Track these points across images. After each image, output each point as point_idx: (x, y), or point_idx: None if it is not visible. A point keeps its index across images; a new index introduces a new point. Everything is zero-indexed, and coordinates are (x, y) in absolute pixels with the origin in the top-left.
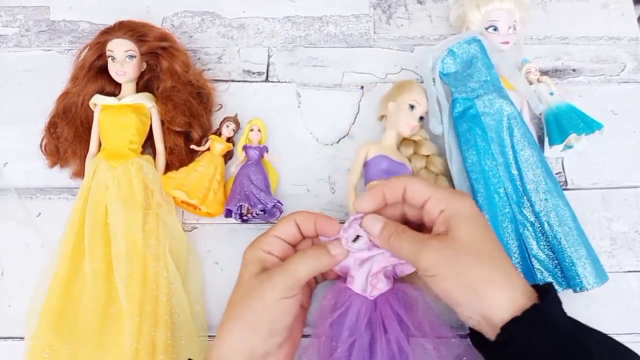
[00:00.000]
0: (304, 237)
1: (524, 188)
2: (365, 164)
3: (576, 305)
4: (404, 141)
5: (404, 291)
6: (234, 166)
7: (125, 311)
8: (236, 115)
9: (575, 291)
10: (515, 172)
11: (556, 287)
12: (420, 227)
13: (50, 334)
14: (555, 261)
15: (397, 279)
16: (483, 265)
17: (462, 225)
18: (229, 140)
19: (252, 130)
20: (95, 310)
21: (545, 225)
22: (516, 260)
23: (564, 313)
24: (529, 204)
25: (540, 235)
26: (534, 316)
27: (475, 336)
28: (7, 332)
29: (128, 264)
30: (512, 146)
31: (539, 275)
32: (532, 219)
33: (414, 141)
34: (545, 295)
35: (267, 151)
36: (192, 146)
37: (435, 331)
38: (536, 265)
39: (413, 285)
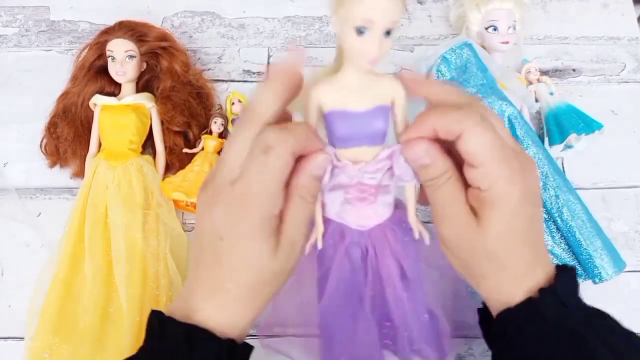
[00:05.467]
0: None
1: None
2: (324, 120)
3: None
4: None
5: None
6: None
7: (125, 311)
8: (220, 108)
9: (595, 282)
10: None
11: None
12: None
13: (50, 334)
14: (572, 255)
15: (398, 207)
16: (501, 264)
17: (499, 219)
18: (220, 136)
19: (233, 104)
20: (95, 310)
21: (559, 221)
22: None
23: (567, 305)
24: None
25: (554, 230)
26: (526, 310)
27: (483, 311)
28: (7, 332)
29: (128, 264)
30: None
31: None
32: (545, 216)
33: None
34: (550, 289)
35: None
36: (185, 150)
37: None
38: (553, 260)
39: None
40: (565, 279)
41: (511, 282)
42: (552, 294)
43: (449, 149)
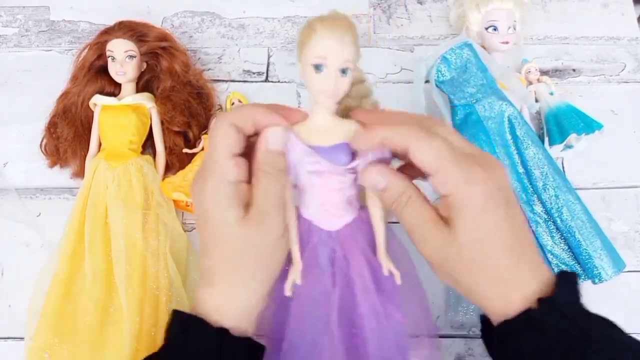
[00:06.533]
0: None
1: (532, 186)
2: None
3: None
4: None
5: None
6: None
7: (125, 311)
8: (220, 108)
9: (594, 283)
10: (522, 170)
11: None
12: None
13: (50, 334)
14: (572, 255)
15: (363, 206)
16: (482, 271)
17: (468, 223)
18: None
19: (232, 104)
20: (95, 310)
21: (558, 221)
22: None
23: (567, 316)
24: (539, 202)
25: (554, 230)
26: (523, 322)
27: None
28: (7, 332)
29: (128, 264)
30: (517, 146)
31: (556, 271)
32: (545, 216)
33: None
34: (548, 300)
35: None
36: (185, 150)
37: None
38: (553, 260)
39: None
40: (564, 287)
41: (499, 290)
42: (550, 305)
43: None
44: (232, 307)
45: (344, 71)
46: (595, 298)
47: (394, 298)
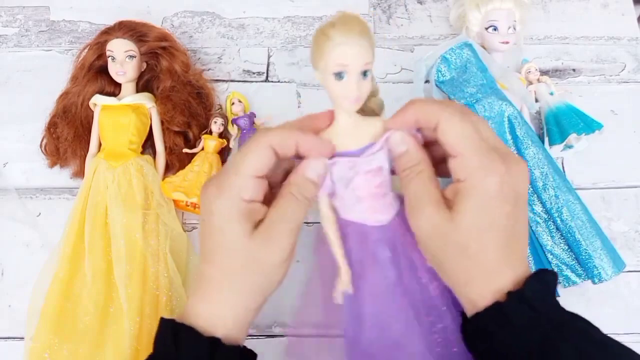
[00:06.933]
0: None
1: (532, 186)
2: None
3: (576, 305)
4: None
5: None
6: (232, 141)
7: (125, 311)
8: (220, 108)
9: (594, 283)
10: None
11: (575, 279)
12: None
13: (50, 334)
14: (572, 255)
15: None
16: (471, 259)
17: (474, 210)
18: (220, 136)
19: (233, 104)
20: (95, 310)
21: (558, 221)
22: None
23: (537, 309)
24: (539, 202)
25: (554, 230)
26: (492, 314)
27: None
28: (7, 332)
29: (128, 264)
30: (516, 146)
31: (556, 270)
32: (545, 216)
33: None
34: (516, 293)
35: (255, 116)
36: (185, 150)
37: None
38: (553, 260)
39: None
40: (533, 282)
41: (480, 280)
42: (518, 298)
43: (434, 156)
44: (226, 317)
45: (365, 74)
46: (595, 298)
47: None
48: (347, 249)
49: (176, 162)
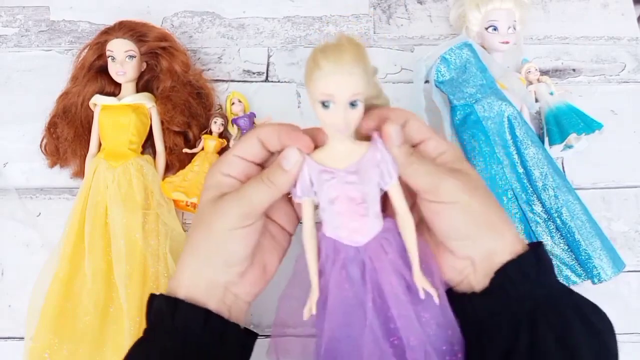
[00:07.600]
0: (272, 154)
1: (532, 186)
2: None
3: None
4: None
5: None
6: (232, 141)
7: (125, 311)
8: (220, 108)
9: (594, 283)
10: (521, 170)
11: (575, 279)
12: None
13: (50, 333)
14: (572, 255)
15: (388, 215)
16: (496, 203)
17: (470, 166)
18: (220, 136)
19: (233, 104)
20: (95, 310)
21: (558, 221)
22: None
23: (514, 280)
24: (539, 202)
25: (554, 230)
26: (532, 261)
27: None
28: (7, 332)
29: (128, 264)
30: (516, 146)
31: (555, 270)
32: (545, 216)
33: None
34: (537, 248)
35: (255, 116)
36: (185, 150)
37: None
38: (553, 261)
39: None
40: (522, 259)
41: (506, 234)
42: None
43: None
44: (198, 285)
45: (353, 104)
46: (595, 298)
47: (430, 309)
48: (320, 259)
49: (176, 162)
